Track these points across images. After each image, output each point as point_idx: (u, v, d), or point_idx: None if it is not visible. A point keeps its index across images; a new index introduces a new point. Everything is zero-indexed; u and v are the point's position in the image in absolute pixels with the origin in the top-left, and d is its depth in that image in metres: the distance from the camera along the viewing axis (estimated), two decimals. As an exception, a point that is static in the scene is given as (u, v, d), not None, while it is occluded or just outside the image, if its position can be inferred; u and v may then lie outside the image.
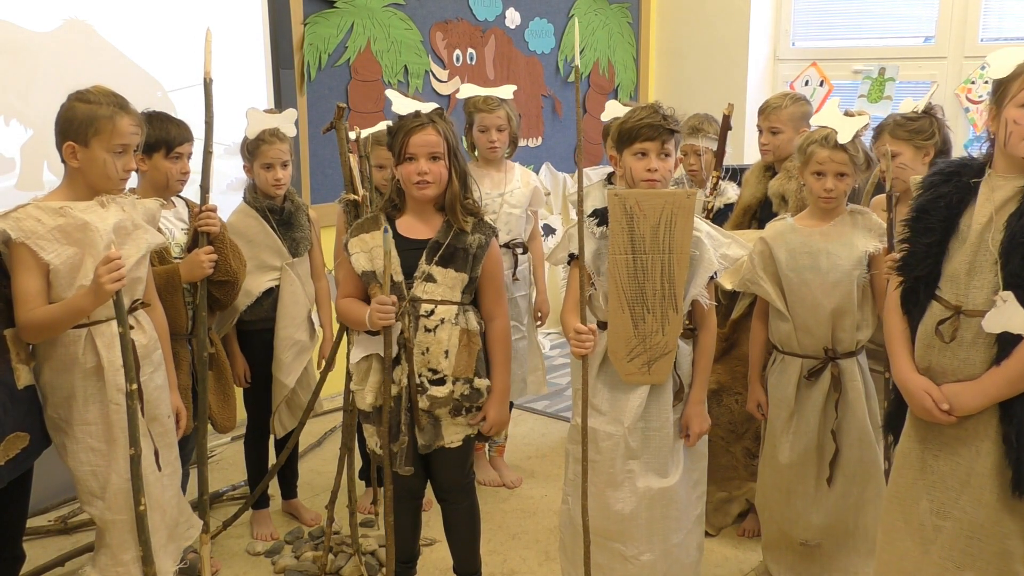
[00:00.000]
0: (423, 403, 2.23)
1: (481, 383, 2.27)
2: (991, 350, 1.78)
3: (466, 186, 2.29)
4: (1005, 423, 1.77)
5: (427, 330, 2.21)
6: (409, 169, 2.21)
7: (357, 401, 2.32)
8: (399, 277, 2.21)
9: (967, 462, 1.82)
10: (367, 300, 2.25)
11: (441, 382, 2.22)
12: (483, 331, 2.30)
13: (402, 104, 2.30)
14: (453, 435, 2.29)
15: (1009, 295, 1.73)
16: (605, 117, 3.36)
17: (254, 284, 2.80)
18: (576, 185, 2.19)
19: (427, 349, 2.21)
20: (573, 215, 3.27)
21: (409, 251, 2.24)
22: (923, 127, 2.56)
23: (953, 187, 1.89)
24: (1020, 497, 1.75)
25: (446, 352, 2.21)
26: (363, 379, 2.28)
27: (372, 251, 2.24)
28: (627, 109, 3.21)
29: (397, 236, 2.24)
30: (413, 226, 2.28)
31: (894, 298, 1.98)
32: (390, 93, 2.41)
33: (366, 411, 2.30)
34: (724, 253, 2.22)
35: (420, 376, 2.22)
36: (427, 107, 2.26)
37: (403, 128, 2.22)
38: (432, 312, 2.21)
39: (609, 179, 3.39)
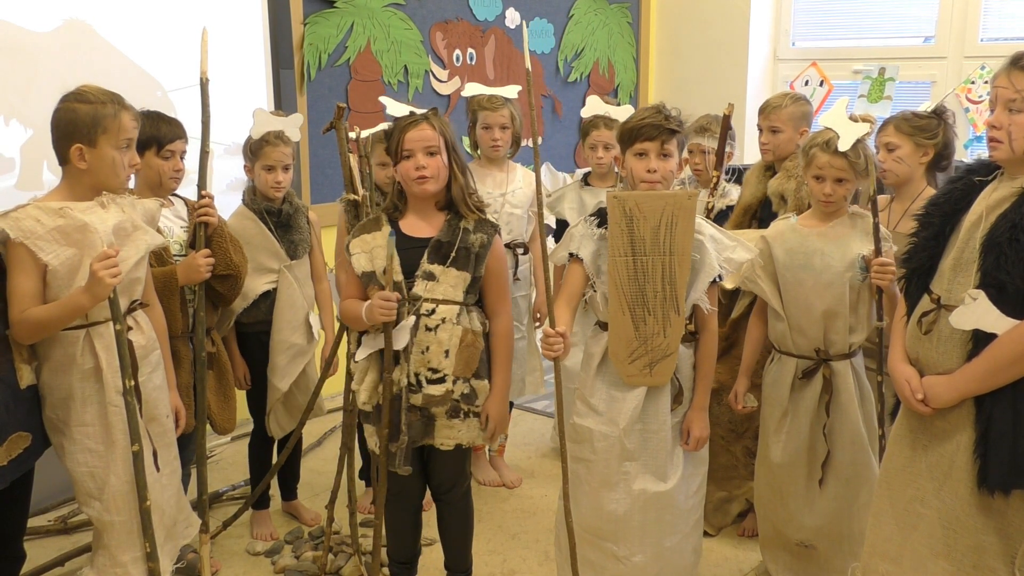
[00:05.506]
0: (416, 400, 2.22)
1: (480, 384, 2.26)
2: (967, 346, 1.80)
3: (468, 182, 2.30)
4: (977, 419, 1.79)
5: (428, 329, 2.20)
6: (407, 166, 2.20)
7: (358, 400, 2.32)
8: (399, 277, 2.20)
9: (949, 455, 1.84)
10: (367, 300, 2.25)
11: (440, 381, 2.21)
12: (487, 330, 2.29)
13: (396, 107, 2.31)
14: (446, 437, 2.26)
15: (980, 293, 1.74)
16: (585, 113, 3.36)
17: (251, 286, 2.79)
18: (559, 187, 2.19)
19: (427, 348, 2.20)
20: (573, 217, 3.28)
21: (411, 250, 2.22)
22: (928, 126, 2.58)
23: (961, 184, 1.92)
24: (987, 492, 1.76)
25: (446, 352, 2.20)
26: (361, 378, 2.28)
27: (373, 251, 2.23)
28: (608, 106, 3.23)
29: (400, 234, 2.23)
30: (415, 225, 2.27)
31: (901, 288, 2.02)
32: (384, 100, 2.42)
33: (367, 411, 2.29)
34: (728, 257, 2.20)
35: (418, 375, 2.21)
36: (420, 110, 2.26)
37: (398, 127, 2.23)
38: (433, 311, 2.20)
39: (585, 179, 3.38)
